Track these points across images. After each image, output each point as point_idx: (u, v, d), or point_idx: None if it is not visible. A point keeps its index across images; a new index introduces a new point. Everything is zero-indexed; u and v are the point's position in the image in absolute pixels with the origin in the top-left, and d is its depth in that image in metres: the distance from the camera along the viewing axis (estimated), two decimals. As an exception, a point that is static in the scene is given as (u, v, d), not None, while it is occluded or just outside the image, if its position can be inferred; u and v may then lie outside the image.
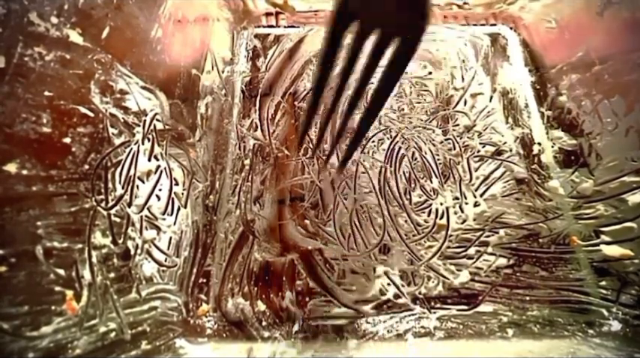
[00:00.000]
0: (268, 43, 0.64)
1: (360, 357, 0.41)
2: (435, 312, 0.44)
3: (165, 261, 0.43)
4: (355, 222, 0.48)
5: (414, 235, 0.47)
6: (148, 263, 0.41)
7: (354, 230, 0.48)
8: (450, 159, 0.52)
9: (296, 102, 0.58)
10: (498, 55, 0.62)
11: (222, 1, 0.61)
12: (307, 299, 0.45)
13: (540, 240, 0.48)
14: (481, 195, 0.50)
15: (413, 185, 0.51)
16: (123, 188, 0.38)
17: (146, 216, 0.41)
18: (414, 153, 0.53)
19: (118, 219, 0.37)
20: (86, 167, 0.34)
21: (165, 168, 0.44)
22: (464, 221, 0.48)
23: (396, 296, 0.45)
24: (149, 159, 0.42)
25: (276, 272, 0.46)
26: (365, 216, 0.49)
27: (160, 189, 0.43)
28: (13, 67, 0.28)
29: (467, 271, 0.45)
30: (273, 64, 0.61)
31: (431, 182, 0.51)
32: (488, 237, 0.48)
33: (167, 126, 0.46)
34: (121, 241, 0.37)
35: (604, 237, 0.46)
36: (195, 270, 0.46)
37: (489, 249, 0.47)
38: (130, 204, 0.38)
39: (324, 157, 0.53)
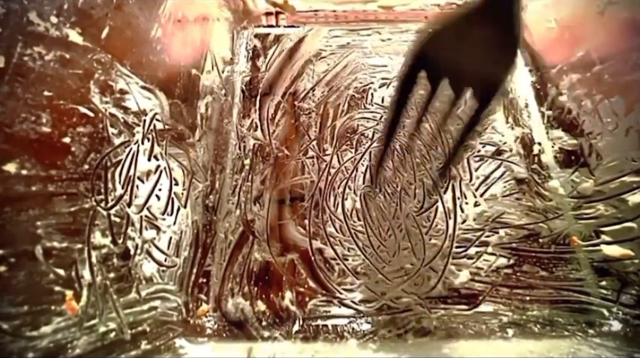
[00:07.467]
0: (268, 42, 0.64)
1: (360, 357, 0.41)
2: (435, 312, 0.44)
3: (165, 260, 0.43)
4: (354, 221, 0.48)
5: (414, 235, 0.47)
6: (147, 263, 0.41)
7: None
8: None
9: (296, 102, 0.58)
10: (498, 54, 0.62)
11: (222, 1, 0.61)
12: (307, 299, 0.45)
13: (540, 240, 0.48)
14: (481, 195, 0.50)
15: (413, 184, 0.51)
16: (123, 188, 0.38)
17: (146, 216, 0.41)
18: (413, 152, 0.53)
19: (117, 219, 0.37)
20: (86, 167, 0.34)
21: (165, 168, 0.44)
22: (464, 221, 0.48)
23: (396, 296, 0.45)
24: (149, 159, 0.42)
25: (276, 273, 0.46)
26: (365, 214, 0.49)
27: (160, 189, 0.43)
28: (13, 67, 0.28)
29: (467, 271, 0.45)
30: (273, 64, 0.61)
31: (431, 181, 0.51)
32: (488, 237, 0.48)
33: (167, 126, 0.46)
34: (120, 241, 0.37)
35: (604, 237, 0.46)
36: (195, 270, 0.46)
37: (489, 249, 0.47)
38: (129, 204, 0.38)
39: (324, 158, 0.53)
